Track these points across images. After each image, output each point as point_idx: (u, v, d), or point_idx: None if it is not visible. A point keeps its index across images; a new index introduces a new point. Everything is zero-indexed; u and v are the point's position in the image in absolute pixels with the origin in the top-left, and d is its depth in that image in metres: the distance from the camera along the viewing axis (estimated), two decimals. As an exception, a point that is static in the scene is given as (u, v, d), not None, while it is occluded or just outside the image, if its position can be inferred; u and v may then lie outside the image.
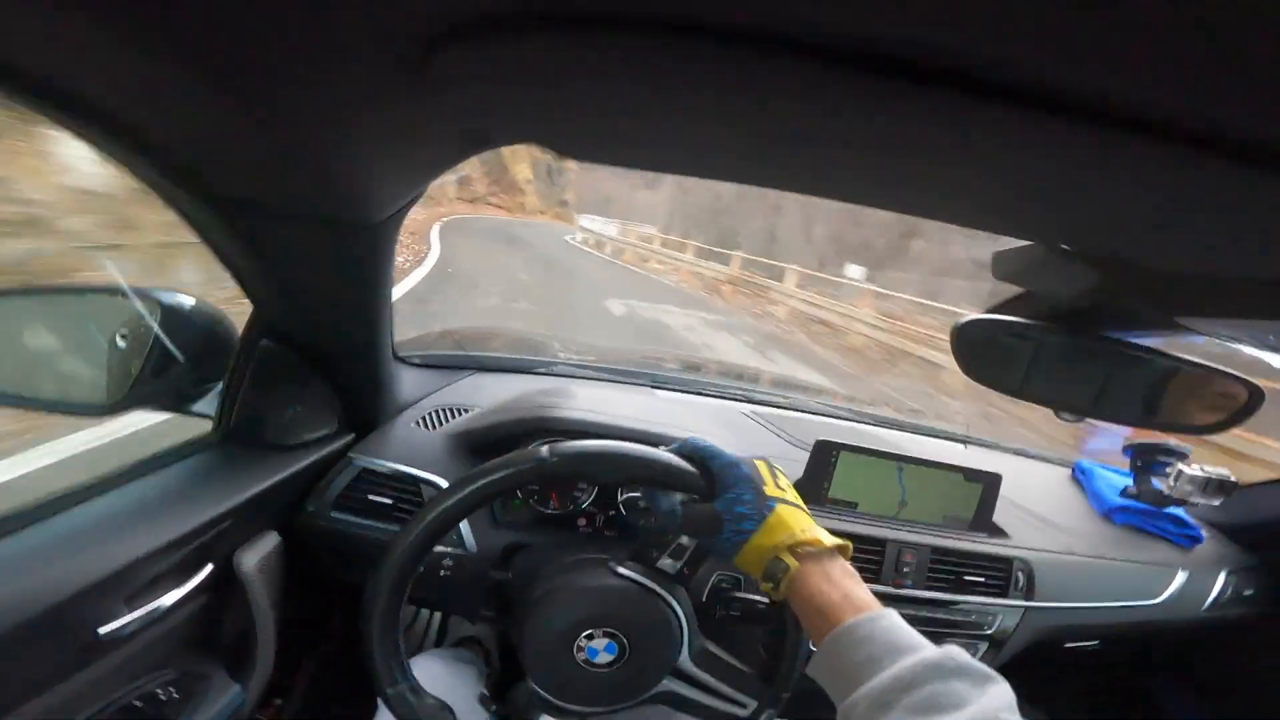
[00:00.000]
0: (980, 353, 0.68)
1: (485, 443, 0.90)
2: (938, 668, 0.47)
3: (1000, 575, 1.01)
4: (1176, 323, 0.51)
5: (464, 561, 0.80)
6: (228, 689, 0.72)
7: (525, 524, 0.92)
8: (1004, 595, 1.01)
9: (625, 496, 0.96)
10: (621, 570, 0.69)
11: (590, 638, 0.68)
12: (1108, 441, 1.46)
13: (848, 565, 0.60)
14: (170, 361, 0.71)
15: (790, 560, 0.58)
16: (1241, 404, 0.69)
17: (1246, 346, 0.55)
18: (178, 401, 0.74)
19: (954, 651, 0.49)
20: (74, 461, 1.97)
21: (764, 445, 1.08)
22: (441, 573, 0.79)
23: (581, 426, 0.88)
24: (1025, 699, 1.35)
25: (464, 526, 0.85)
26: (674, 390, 1.21)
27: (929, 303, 10.40)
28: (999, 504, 1.06)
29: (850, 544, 0.61)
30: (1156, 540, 1.16)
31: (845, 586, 0.57)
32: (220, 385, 0.75)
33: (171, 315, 0.71)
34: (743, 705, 0.71)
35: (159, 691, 0.66)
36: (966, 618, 1.00)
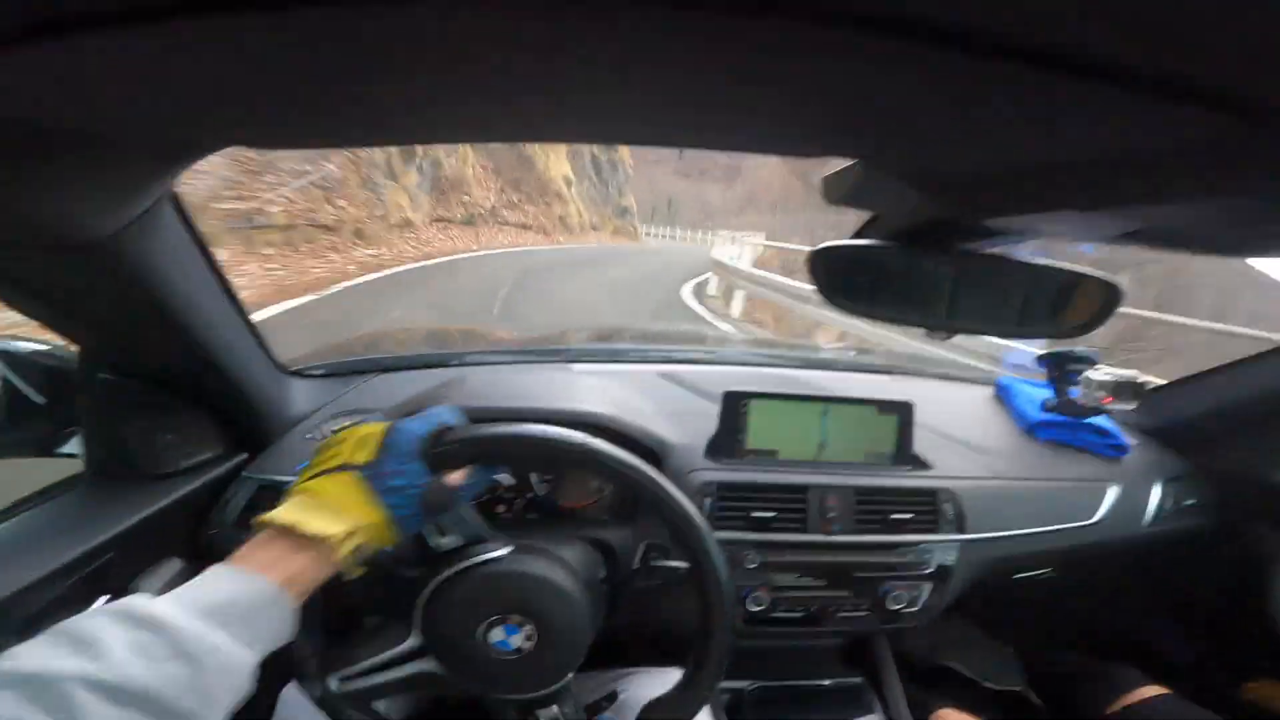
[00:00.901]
0: (837, 279, 0.67)
1: None
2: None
3: (927, 509, 1.00)
4: (988, 226, 0.50)
5: (375, 562, 0.80)
6: None
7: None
8: (935, 530, 0.99)
9: (543, 479, 0.96)
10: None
11: (503, 622, 0.66)
12: (1026, 355, 1.46)
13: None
14: (28, 407, 0.70)
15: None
16: (1100, 303, 0.69)
17: (1068, 240, 0.55)
18: (42, 447, 0.73)
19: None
20: None
21: (680, 405, 1.07)
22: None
23: (471, 414, 0.86)
24: (990, 634, 1.36)
25: None
26: (591, 362, 1.20)
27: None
28: (924, 434, 1.06)
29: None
30: (1083, 454, 1.14)
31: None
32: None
33: (18, 361, 0.69)
34: None
35: None
36: (903, 558, 0.98)
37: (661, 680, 0.85)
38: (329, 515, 0.51)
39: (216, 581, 0.47)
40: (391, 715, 0.85)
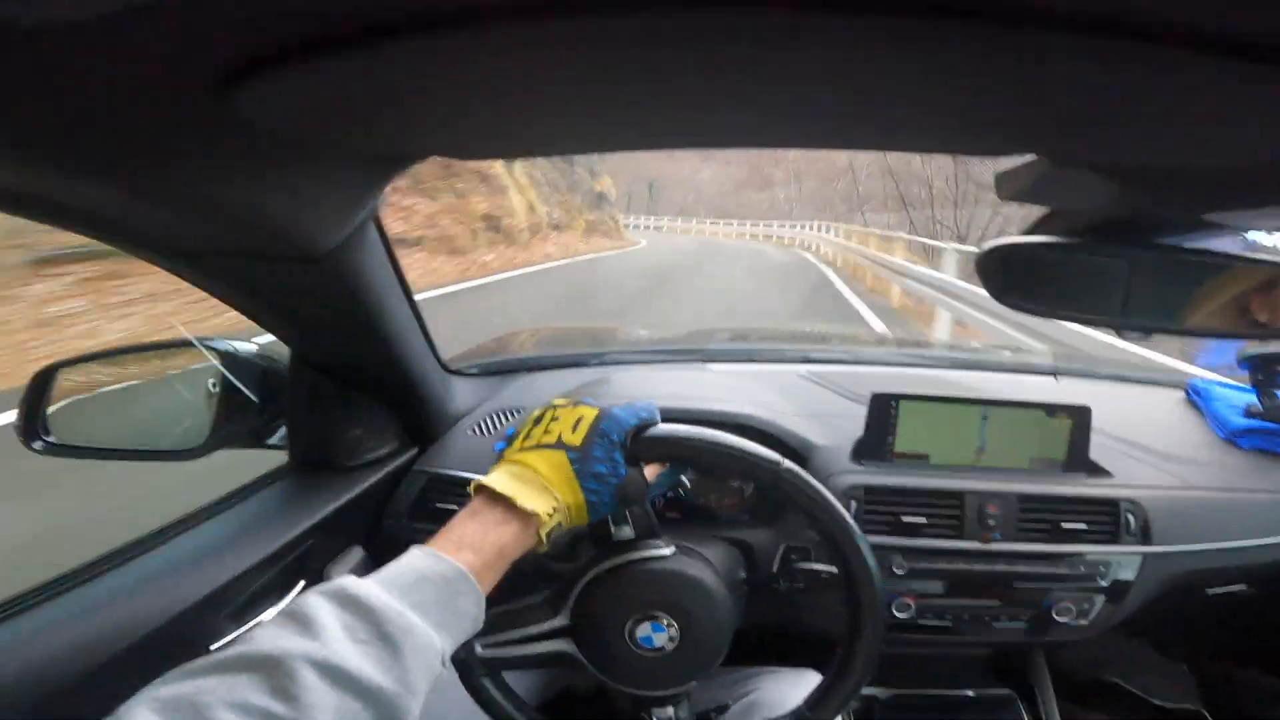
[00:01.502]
0: (1012, 277, 0.63)
1: None
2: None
3: (1107, 519, 0.92)
4: (1204, 220, 0.45)
5: (526, 559, 0.84)
6: None
7: None
8: (1115, 541, 0.91)
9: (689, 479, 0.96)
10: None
11: (649, 619, 0.67)
12: (1221, 355, 1.30)
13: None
14: (244, 403, 0.79)
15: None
16: None
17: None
18: (256, 438, 0.82)
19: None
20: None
21: (823, 405, 1.04)
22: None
23: None
24: (1159, 650, 1.24)
25: None
26: (728, 362, 1.19)
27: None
28: (1101, 439, 0.97)
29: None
30: (1293, 463, 1.00)
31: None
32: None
33: (237, 361, 0.78)
34: None
35: None
36: (1074, 569, 0.91)
37: (792, 682, 0.83)
38: (540, 491, 0.54)
39: (413, 563, 0.49)
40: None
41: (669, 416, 0.67)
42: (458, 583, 0.49)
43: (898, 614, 0.92)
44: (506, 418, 1.00)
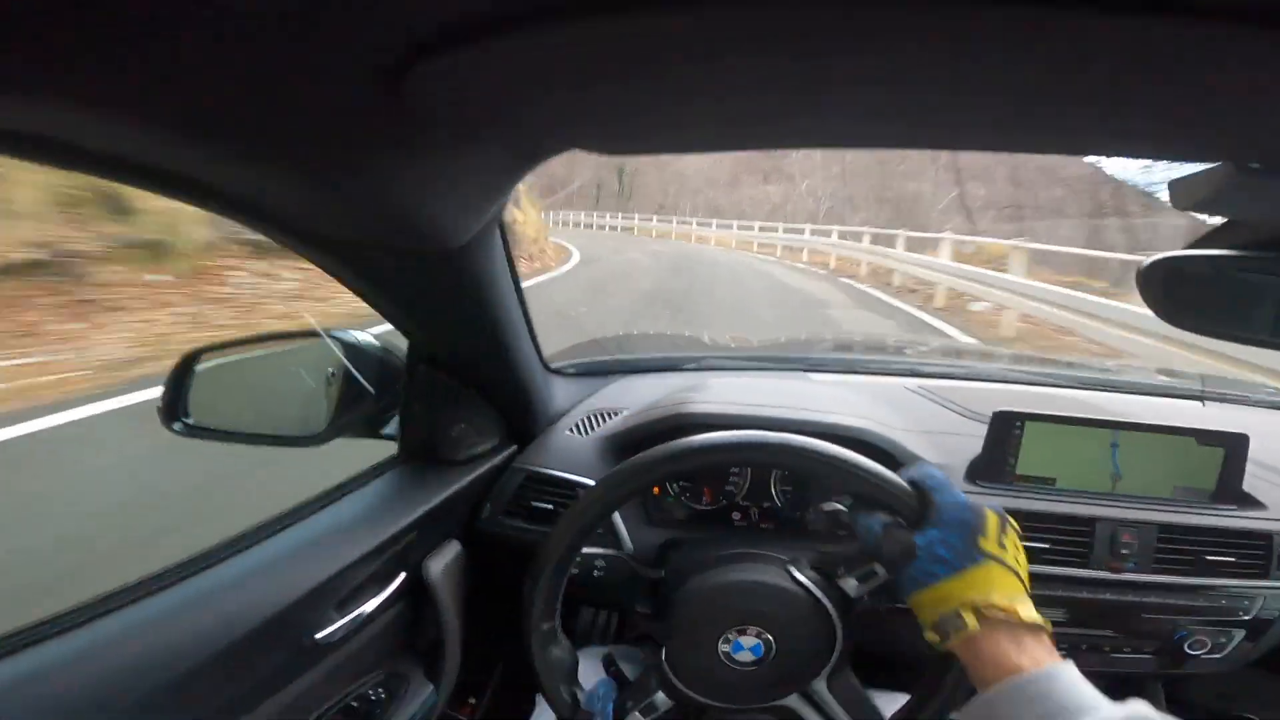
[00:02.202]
0: (1176, 294, 0.57)
1: (629, 443, 0.92)
2: None
3: (1258, 554, 0.85)
4: None
5: (617, 562, 0.82)
6: (424, 689, 0.80)
7: (679, 521, 0.93)
8: (1264, 576, 0.85)
9: (782, 490, 0.93)
10: (798, 575, 0.68)
11: (742, 633, 0.67)
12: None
13: (1047, 641, 0.54)
14: (361, 393, 0.81)
15: (971, 619, 0.54)
16: None
17: None
18: (371, 428, 0.84)
19: (1140, 706, 0.45)
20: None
21: (935, 422, 0.98)
22: (595, 574, 0.82)
23: (718, 419, 0.87)
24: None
25: (620, 526, 0.87)
26: (830, 372, 1.15)
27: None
28: (1255, 470, 0.89)
29: (1050, 625, 0.55)
30: None
31: (1036, 654, 0.52)
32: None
33: (357, 352, 0.80)
34: None
35: (370, 692, 0.75)
36: (1213, 602, 0.85)
37: (883, 705, 0.79)
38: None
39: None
40: None
41: (778, 426, 0.66)
42: None
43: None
44: (604, 418, 0.99)
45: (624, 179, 47.43)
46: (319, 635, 0.64)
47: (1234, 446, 0.86)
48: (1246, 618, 0.85)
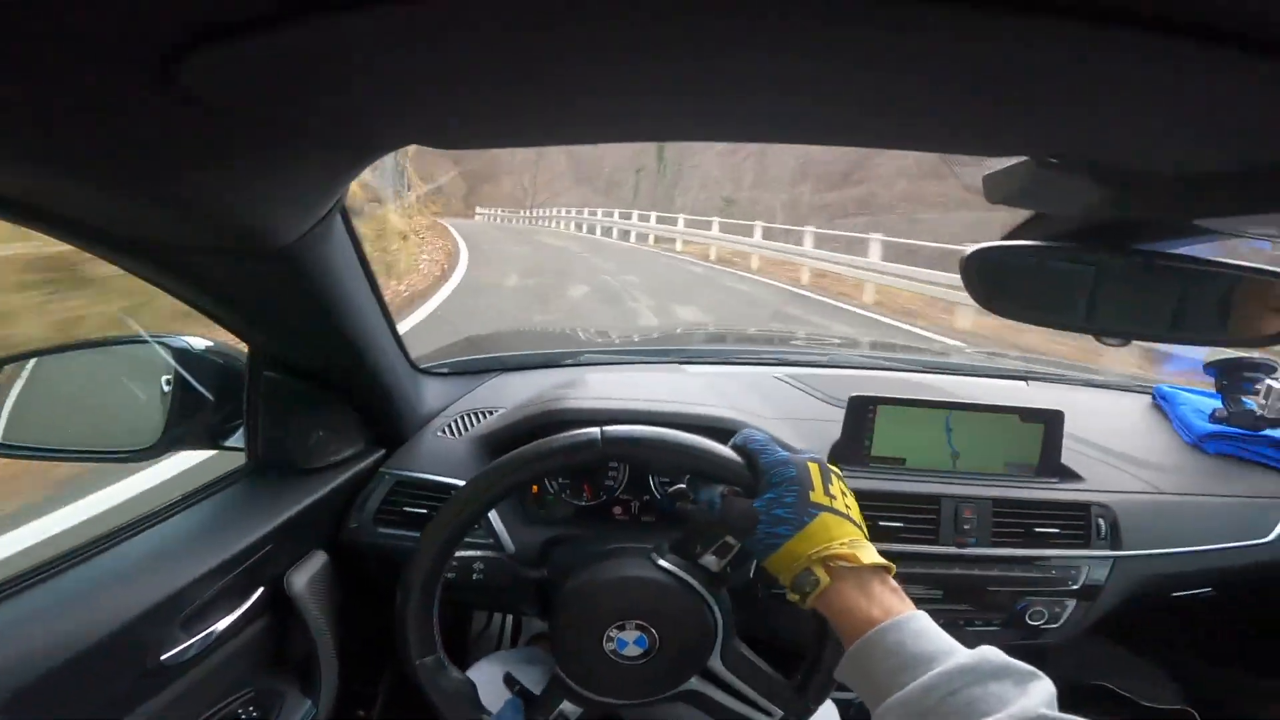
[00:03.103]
0: (993, 282, 0.62)
1: (501, 443, 0.90)
2: (973, 670, 0.46)
3: (1079, 524, 0.93)
4: (1195, 226, 0.45)
5: (497, 564, 0.81)
6: (300, 704, 0.76)
7: (560, 519, 0.93)
8: (1086, 545, 0.93)
9: (660, 481, 0.95)
10: (661, 562, 0.68)
11: (621, 629, 0.67)
12: (1188, 362, 1.32)
13: (892, 582, 0.57)
14: (198, 402, 0.75)
15: (821, 573, 0.56)
16: None
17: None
18: (211, 439, 0.78)
19: (990, 653, 0.48)
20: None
21: (800, 409, 1.03)
22: (475, 577, 0.81)
23: (588, 415, 0.87)
24: (1138, 654, 1.26)
25: (499, 527, 0.86)
26: (705, 363, 1.18)
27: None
28: (1071, 444, 0.98)
29: (894, 565, 0.58)
30: (1257, 468, 1.03)
31: (886, 601, 0.55)
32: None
33: (191, 358, 0.74)
34: (769, 713, 0.69)
35: (240, 711, 0.71)
36: (1046, 573, 0.92)
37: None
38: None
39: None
40: None
41: (646, 419, 0.67)
42: None
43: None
44: (478, 418, 0.97)
45: (664, 163, 34.39)
46: (165, 656, 0.60)
47: (1052, 422, 0.95)
48: (1075, 586, 0.92)
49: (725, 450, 0.64)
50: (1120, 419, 1.14)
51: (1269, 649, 1.26)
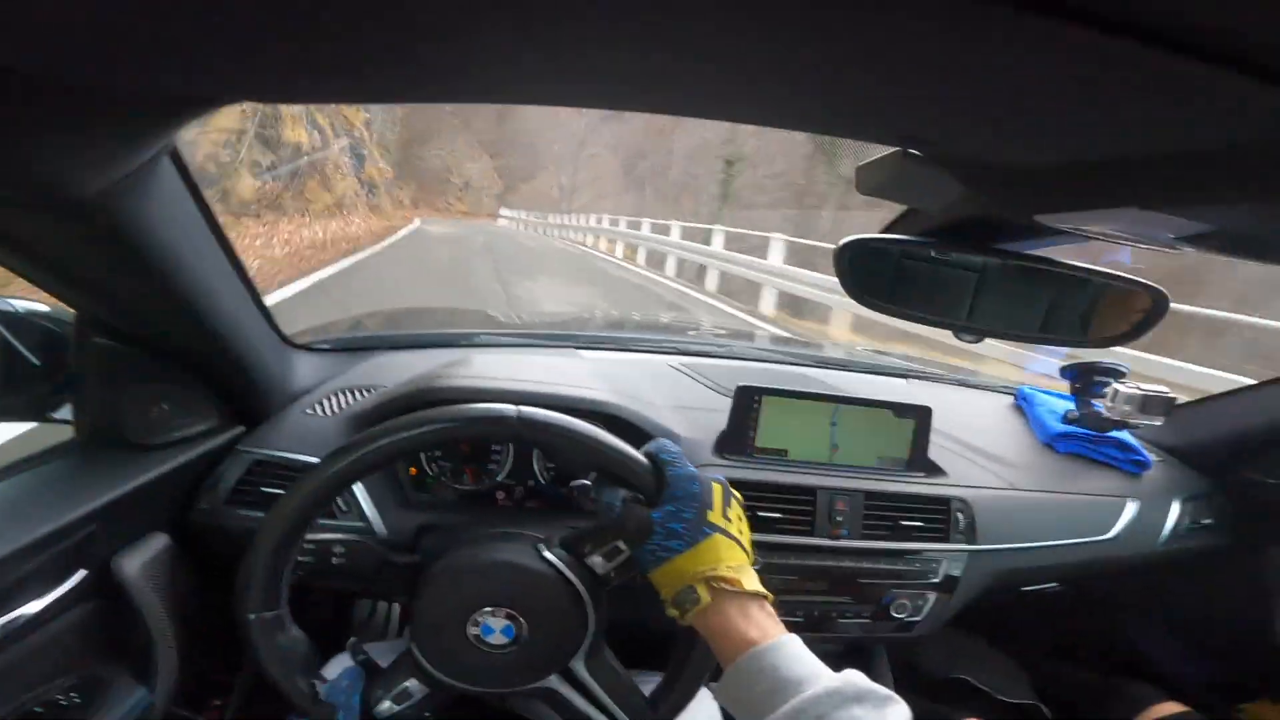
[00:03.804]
0: (862, 274, 0.65)
1: (375, 422, 0.86)
2: (836, 694, 0.49)
3: (939, 518, 0.97)
4: (1037, 222, 0.47)
5: (359, 547, 0.78)
6: (133, 691, 0.71)
7: (439, 504, 0.90)
8: (945, 539, 0.97)
9: (546, 468, 0.94)
10: (547, 554, 0.67)
11: (492, 614, 0.66)
12: (1050, 365, 1.43)
13: (769, 608, 0.59)
14: (23, 369, 0.68)
15: (704, 593, 0.57)
16: (1145, 312, 0.66)
17: (1118, 242, 0.51)
18: (37, 411, 0.71)
19: (853, 677, 0.51)
20: None
21: (690, 397, 1.04)
22: (334, 560, 0.77)
23: (468, 394, 0.84)
24: (995, 647, 1.33)
25: (369, 509, 0.82)
26: (600, 349, 1.17)
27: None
28: (939, 440, 1.03)
29: (772, 595, 0.60)
30: (1103, 469, 1.11)
31: (763, 624, 0.57)
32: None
33: (15, 322, 0.67)
34: None
35: (59, 697, 0.66)
36: (910, 566, 0.96)
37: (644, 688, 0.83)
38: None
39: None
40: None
41: (530, 401, 0.66)
42: None
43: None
44: (354, 395, 0.93)
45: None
46: None
47: (921, 417, 0.99)
48: (936, 580, 0.97)
49: (636, 455, 0.64)
50: (985, 418, 1.21)
51: (1108, 645, 1.38)
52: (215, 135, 10.16)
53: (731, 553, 0.60)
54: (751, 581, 0.59)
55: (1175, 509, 1.11)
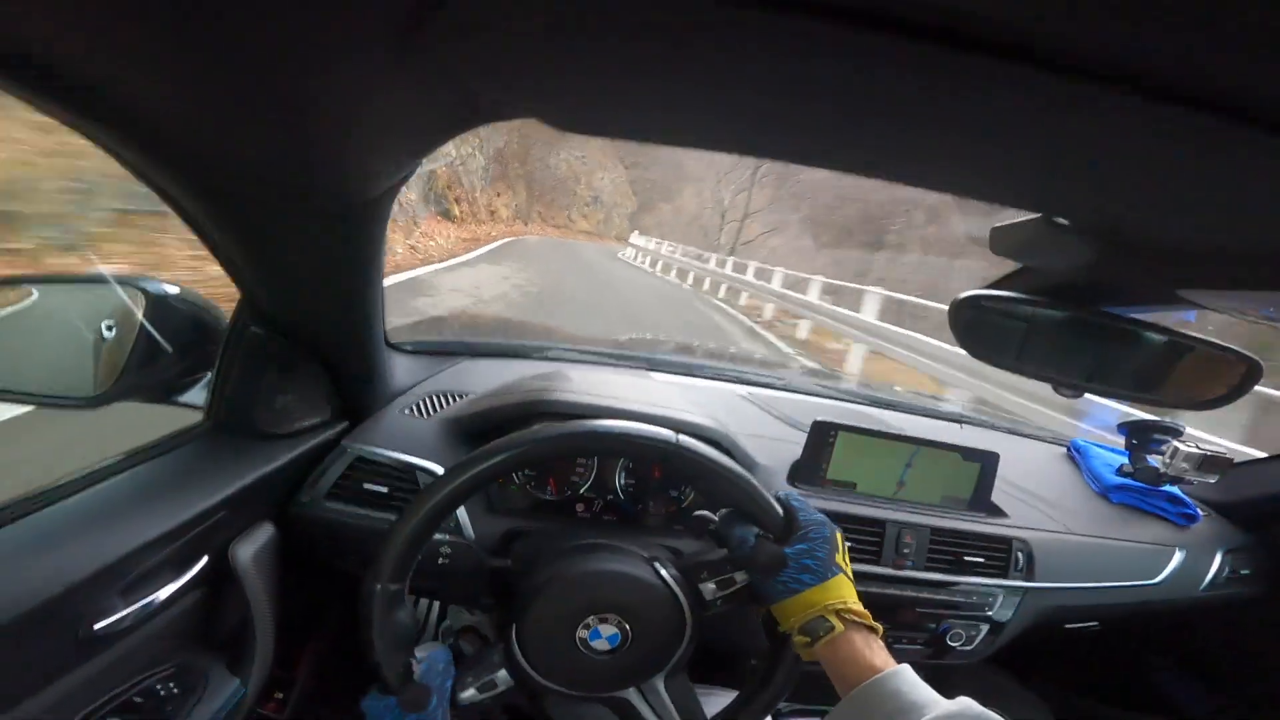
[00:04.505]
0: (977, 329, 0.67)
1: (480, 428, 0.89)
2: (959, 717, 0.53)
3: (1000, 555, 1.01)
4: (1178, 296, 0.50)
5: (462, 549, 0.80)
6: (227, 683, 0.72)
7: (522, 510, 0.92)
8: (1004, 576, 1.01)
9: (623, 484, 0.96)
10: (662, 572, 0.70)
11: (603, 621, 0.68)
12: (1101, 420, 1.46)
13: (881, 642, 0.65)
14: (157, 351, 0.70)
15: (837, 621, 0.63)
16: (1240, 377, 0.69)
17: (1248, 318, 0.54)
18: (166, 392, 0.73)
19: (968, 703, 0.55)
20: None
21: (760, 426, 1.07)
22: (440, 560, 0.79)
23: (582, 409, 0.87)
24: (1023, 681, 1.35)
25: (462, 514, 0.84)
26: (669, 373, 1.20)
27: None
28: (999, 483, 1.06)
29: (882, 628, 0.66)
30: (1153, 519, 1.15)
31: (883, 655, 0.63)
32: (209, 375, 0.74)
33: (157, 304, 0.70)
34: None
35: (159, 687, 0.66)
36: (967, 599, 0.99)
37: (706, 703, 0.85)
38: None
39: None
40: None
41: (643, 419, 0.68)
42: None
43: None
44: (445, 400, 0.95)
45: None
46: (99, 625, 0.55)
47: (988, 462, 1.03)
48: (990, 613, 1.01)
49: (770, 496, 0.69)
50: (1039, 465, 1.25)
51: (1132, 683, 1.40)
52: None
53: (851, 591, 0.67)
54: (868, 617, 0.65)
55: (1218, 559, 1.15)
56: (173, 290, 0.72)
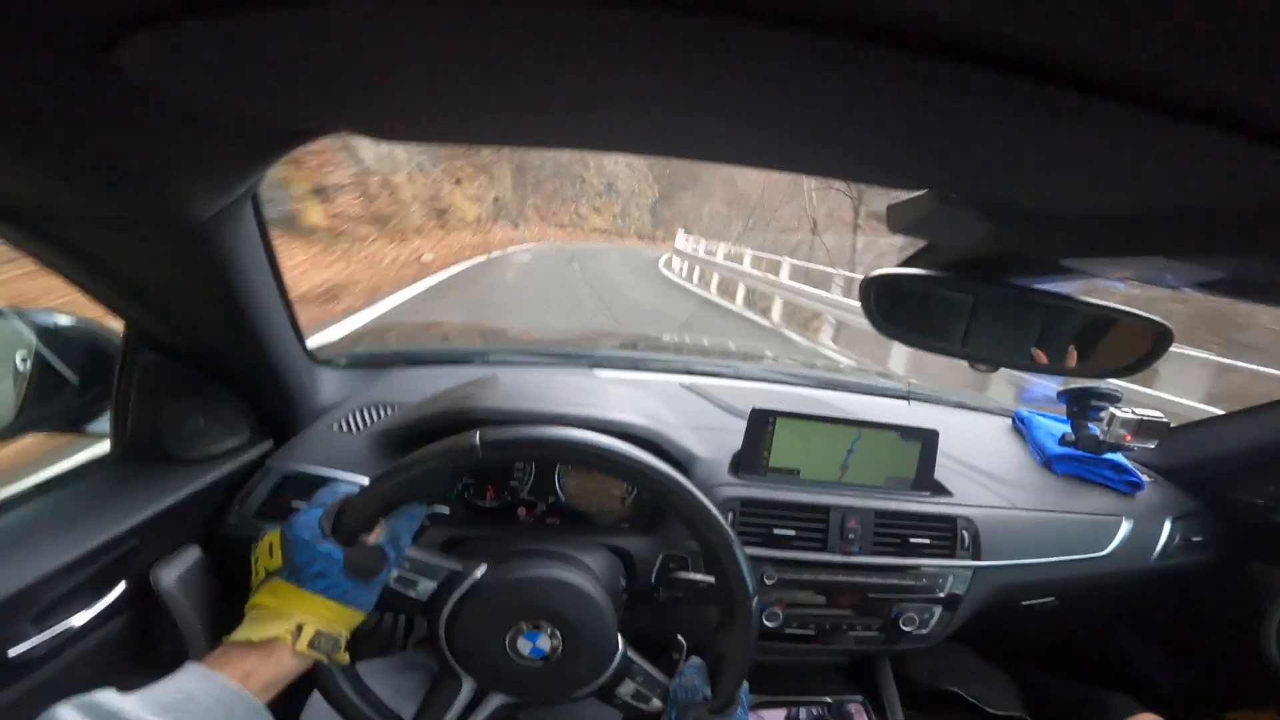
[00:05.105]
0: (888, 307, 0.68)
1: (407, 439, 0.88)
2: None
3: (946, 535, 1.01)
4: (1062, 265, 0.51)
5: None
6: None
7: (458, 519, 0.91)
8: (951, 556, 1.00)
9: (563, 485, 0.95)
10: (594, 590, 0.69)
11: (536, 627, 0.66)
12: (1046, 389, 1.47)
13: None
14: (59, 382, 0.69)
15: None
16: (1149, 345, 0.70)
17: (1134, 284, 0.55)
18: (71, 423, 0.72)
19: None
20: None
21: (704, 418, 1.07)
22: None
23: (505, 415, 0.86)
24: (986, 658, 1.36)
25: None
26: (613, 369, 1.20)
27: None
28: (942, 460, 1.06)
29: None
30: (1099, 489, 1.16)
31: None
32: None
33: (53, 335, 0.68)
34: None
35: None
36: (918, 581, 0.99)
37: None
38: (271, 620, 0.56)
39: (181, 681, 0.50)
40: None
41: (560, 421, 0.67)
42: (229, 695, 0.51)
43: (767, 623, 0.95)
44: (377, 413, 0.94)
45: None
46: (14, 652, 0.56)
47: (928, 440, 1.03)
48: (942, 594, 1.00)
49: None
50: (985, 439, 1.25)
51: (1095, 656, 1.42)
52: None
53: None
54: None
55: (1167, 527, 1.15)
56: (64, 321, 0.70)
